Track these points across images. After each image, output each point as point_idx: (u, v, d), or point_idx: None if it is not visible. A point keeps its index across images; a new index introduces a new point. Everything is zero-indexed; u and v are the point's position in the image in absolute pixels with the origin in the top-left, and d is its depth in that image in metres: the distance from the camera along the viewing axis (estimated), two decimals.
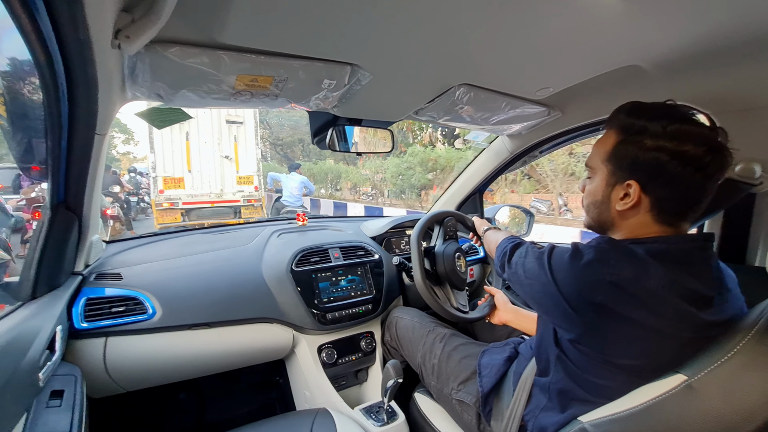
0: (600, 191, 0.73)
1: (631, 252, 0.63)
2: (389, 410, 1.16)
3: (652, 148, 0.64)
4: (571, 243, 0.72)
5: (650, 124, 0.65)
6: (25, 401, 0.73)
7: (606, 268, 0.62)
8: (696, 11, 0.66)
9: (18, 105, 0.71)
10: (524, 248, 0.84)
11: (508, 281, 0.87)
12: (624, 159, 0.68)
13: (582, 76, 0.99)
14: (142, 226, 8.49)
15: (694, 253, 0.66)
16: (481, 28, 0.72)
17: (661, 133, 0.64)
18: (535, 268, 0.74)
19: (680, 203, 0.66)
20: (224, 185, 7.13)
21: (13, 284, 0.91)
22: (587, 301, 0.63)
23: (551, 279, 0.68)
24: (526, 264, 0.78)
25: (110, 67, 0.65)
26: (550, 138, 1.43)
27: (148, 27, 0.57)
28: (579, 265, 0.65)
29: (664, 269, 0.61)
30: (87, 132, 0.76)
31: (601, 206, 0.73)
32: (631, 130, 0.68)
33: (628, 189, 0.68)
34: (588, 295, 0.63)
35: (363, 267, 1.43)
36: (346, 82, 0.90)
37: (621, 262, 0.62)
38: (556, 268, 0.69)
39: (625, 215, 0.70)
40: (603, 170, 0.72)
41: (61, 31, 0.50)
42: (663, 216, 0.67)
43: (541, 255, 0.74)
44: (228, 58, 0.74)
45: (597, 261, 0.64)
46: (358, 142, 1.36)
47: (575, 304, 0.65)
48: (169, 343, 1.11)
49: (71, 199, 0.89)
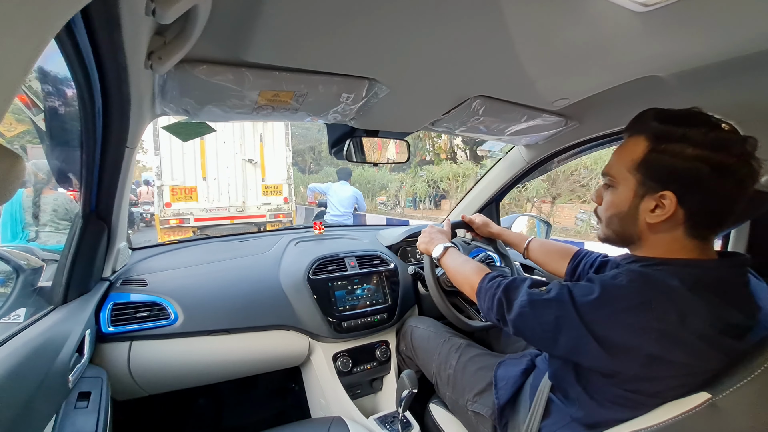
0: (626, 203, 0.68)
1: (669, 288, 0.59)
2: (404, 420, 1.16)
3: (692, 157, 0.59)
4: (590, 278, 0.67)
5: (689, 131, 0.61)
6: (56, 402, 0.77)
7: (650, 314, 0.57)
8: (718, 20, 0.65)
9: (57, 121, 0.75)
10: (522, 293, 0.72)
11: (513, 333, 0.75)
12: (658, 169, 0.63)
13: (600, 86, 0.98)
14: (143, 237, 7.17)
15: (732, 280, 0.63)
16: (498, 40, 0.73)
17: (702, 141, 0.59)
18: (556, 321, 0.65)
19: (714, 216, 0.62)
20: (247, 196, 5.79)
21: (47, 289, 0.96)
22: (635, 353, 0.58)
23: (586, 332, 0.61)
24: (542, 317, 0.67)
25: (143, 86, 0.69)
26: (566, 148, 1.42)
27: (178, 48, 0.60)
28: (617, 310, 0.60)
29: (705, 305, 0.57)
30: (119, 146, 0.81)
31: (627, 219, 0.68)
32: (666, 137, 0.63)
33: (661, 201, 0.63)
34: (636, 345, 0.58)
35: (378, 276, 1.43)
36: (364, 95, 0.92)
37: (663, 303, 0.58)
38: (590, 318, 0.61)
39: (656, 229, 0.65)
40: (630, 180, 0.67)
41: (101, 55, 0.54)
42: (695, 230, 0.63)
43: (560, 303, 0.65)
44: (251, 75, 0.77)
45: (639, 306, 0.58)
46: (375, 153, 1.38)
47: (622, 356, 0.60)
48: (190, 349, 1.14)
49: (102, 209, 0.94)
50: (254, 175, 5.84)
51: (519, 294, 0.73)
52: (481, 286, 0.84)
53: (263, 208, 5.86)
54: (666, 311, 0.57)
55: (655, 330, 0.57)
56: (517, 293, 0.74)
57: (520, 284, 0.75)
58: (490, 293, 0.79)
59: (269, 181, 5.91)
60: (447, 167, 10.24)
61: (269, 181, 5.91)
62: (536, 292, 0.70)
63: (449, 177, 9.91)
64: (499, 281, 0.80)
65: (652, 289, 0.59)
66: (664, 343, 0.57)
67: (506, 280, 0.79)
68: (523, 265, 1.65)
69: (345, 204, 4.59)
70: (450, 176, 9.89)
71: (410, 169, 11.84)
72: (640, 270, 0.63)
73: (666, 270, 0.63)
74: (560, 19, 0.66)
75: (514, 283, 0.76)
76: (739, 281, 0.63)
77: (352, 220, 4.78)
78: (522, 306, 0.71)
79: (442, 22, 0.66)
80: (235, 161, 5.72)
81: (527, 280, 0.76)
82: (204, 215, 5.56)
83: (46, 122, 0.74)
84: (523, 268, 1.65)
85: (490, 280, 0.83)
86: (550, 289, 0.70)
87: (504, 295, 0.75)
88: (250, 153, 5.78)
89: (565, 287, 0.67)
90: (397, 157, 1.42)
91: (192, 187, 5.51)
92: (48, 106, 0.72)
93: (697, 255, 0.64)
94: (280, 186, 5.96)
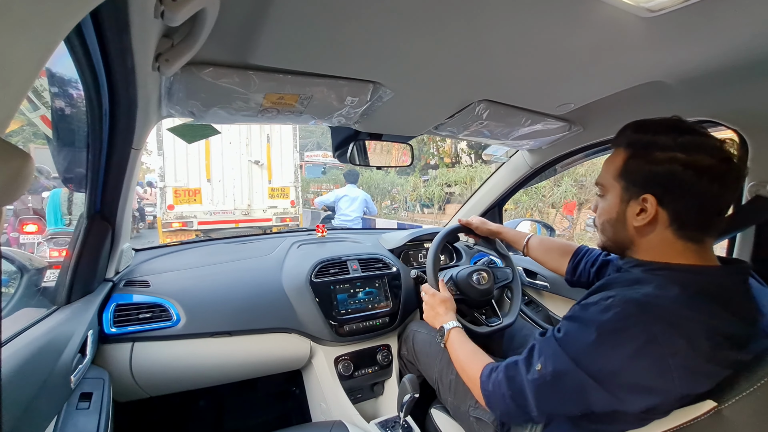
0: (614, 209, 0.70)
1: (668, 312, 0.57)
2: (405, 425, 1.15)
3: (664, 160, 0.63)
4: (577, 317, 0.65)
5: (659, 138, 0.64)
6: (58, 403, 0.77)
7: (661, 350, 0.56)
8: (724, 26, 0.65)
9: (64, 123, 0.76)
10: (518, 377, 0.69)
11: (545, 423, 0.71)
12: (637, 173, 0.66)
13: (604, 91, 0.98)
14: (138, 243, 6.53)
15: (734, 288, 0.63)
16: (502, 45, 0.73)
17: (672, 145, 0.63)
18: (577, 395, 0.62)
19: (699, 215, 0.63)
20: (253, 199, 5.60)
21: (51, 289, 0.96)
22: (665, 394, 0.57)
23: (609, 395, 0.59)
24: (561, 399, 0.65)
25: (149, 88, 0.70)
26: (570, 153, 1.41)
27: (185, 51, 0.61)
28: (626, 356, 0.57)
29: (706, 320, 0.57)
30: (124, 147, 0.81)
31: (617, 224, 0.71)
32: (639, 144, 0.67)
33: (644, 204, 0.65)
34: (663, 388, 0.57)
35: (381, 280, 1.43)
36: (368, 99, 0.93)
37: (668, 333, 0.56)
38: (603, 376, 0.59)
39: (643, 231, 0.67)
40: (615, 187, 0.70)
41: (109, 57, 0.54)
42: (684, 231, 0.64)
43: (566, 375, 0.62)
44: (257, 77, 0.77)
45: (646, 344, 0.56)
46: (379, 156, 1.38)
47: (653, 396, 0.58)
48: (192, 350, 1.14)
49: (106, 210, 0.94)
50: (260, 177, 5.65)
51: (512, 382, 0.70)
52: (485, 389, 0.77)
53: (269, 211, 5.68)
54: (673, 341, 0.56)
55: (673, 368, 0.55)
56: (513, 382, 0.70)
57: (516, 371, 0.71)
58: (497, 395, 0.74)
59: (276, 183, 5.72)
60: (463, 171, 10.07)
61: (276, 183, 5.72)
62: (536, 376, 0.66)
63: (465, 180, 9.81)
64: (498, 380, 0.74)
65: (653, 321, 0.57)
66: (687, 380, 0.56)
67: (505, 378, 0.72)
68: (526, 270, 1.64)
69: (354, 208, 4.49)
70: (467, 179, 9.76)
71: (414, 173, 11.83)
72: (635, 298, 0.60)
73: (666, 276, 0.63)
74: (565, 24, 0.66)
75: (512, 374, 0.71)
76: (741, 289, 0.63)
77: (362, 224, 4.64)
78: (517, 388, 0.69)
79: (447, 26, 0.66)
80: (240, 162, 5.55)
81: (520, 362, 0.71)
82: (208, 218, 5.38)
83: (53, 123, 0.74)
84: (526, 273, 1.64)
85: (490, 376, 0.76)
86: (535, 350, 0.69)
87: (507, 384, 0.71)
88: (256, 154, 5.61)
89: (556, 349, 0.65)
90: (400, 160, 1.43)
91: (196, 188, 5.33)
92: (55, 106, 0.72)
93: (697, 260, 0.64)
94: (287, 188, 5.78)
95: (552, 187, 7.96)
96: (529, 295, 1.66)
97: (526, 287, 1.65)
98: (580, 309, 0.66)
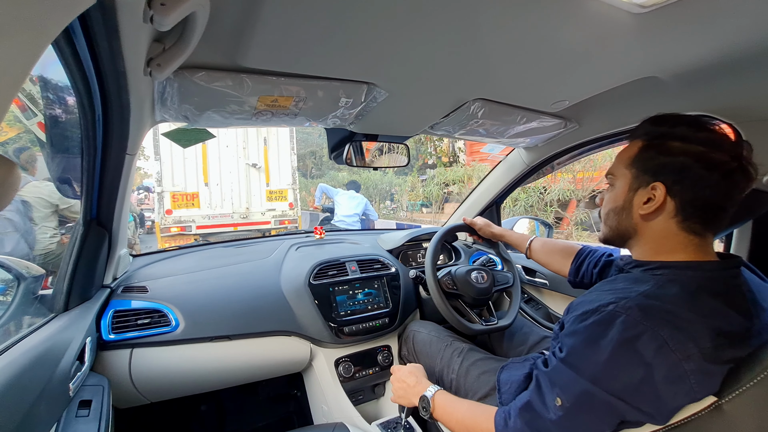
0: (621, 196, 0.71)
1: (670, 313, 0.57)
2: (407, 426, 1.15)
3: (679, 152, 0.64)
4: (577, 331, 0.63)
5: (676, 129, 0.66)
6: (57, 411, 0.76)
7: (674, 355, 0.55)
8: (716, 21, 0.65)
9: (58, 129, 0.76)
10: (539, 420, 0.65)
11: None
12: (649, 162, 0.67)
13: (599, 88, 0.98)
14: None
15: (731, 282, 0.63)
16: (496, 43, 0.73)
17: (689, 137, 0.64)
18: (594, 416, 0.61)
19: (705, 209, 0.64)
20: (251, 202, 5.61)
21: (48, 296, 0.96)
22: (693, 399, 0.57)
23: (639, 412, 0.58)
24: (579, 423, 0.62)
25: (142, 92, 0.69)
26: (566, 150, 1.42)
27: (177, 55, 0.61)
28: (642, 367, 0.56)
29: (706, 318, 0.57)
30: (119, 153, 0.81)
31: (622, 212, 0.71)
32: (655, 134, 0.68)
33: (652, 192, 0.66)
34: (679, 393, 0.56)
35: (380, 280, 1.43)
36: (363, 99, 0.93)
37: (676, 336, 0.56)
38: (628, 393, 0.57)
39: (648, 219, 0.68)
40: (626, 175, 0.71)
41: (100, 62, 0.54)
42: (687, 223, 0.65)
43: (588, 402, 0.60)
44: (250, 80, 0.77)
45: (659, 350, 0.55)
46: (375, 157, 1.38)
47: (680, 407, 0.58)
48: (191, 355, 1.14)
49: (102, 215, 0.94)
50: (258, 180, 5.65)
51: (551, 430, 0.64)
52: None
53: (268, 214, 5.68)
54: (683, 345, 0.55)
55: (689, 372, 0.55)
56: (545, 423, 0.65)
57: (538, 415, 0.66)
58: None
59: (274, 186, 5.72)
60: (460, 170, 9.94)
61: (274, 186, 5.72)
62: (560, 413, 0.62)
63: (462, 179, 9.72)
64: (518, 428, 0.68)
65: (660, 325, 0.56)
66: (703, 383, 0.55)
67: (525, 426, 0.67)
68: (525, 268, 1.64)
69: (354, 205, 4.60)
70: (465, 178, 9.62)
71: (412, 173, 11.81)
72: (637, 303, 0.59)
73: (666, 275, 0.63)
74: (557, 21, 0.66)
75: (534, 425, 0.66)
76: (737, 282, 0.64)
77: (361, 225, 4.70)
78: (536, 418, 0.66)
79: (440, 25, 0.66)
80: (238, 166, 5.55)
81: (533, 402, 0.68)
82: (206, 222, 5.37)
83: (46, 129, 0.74)
84: (525, 272, 1.64)
85: (507, 425, 0.70)
86: (543, 383, 0.66)
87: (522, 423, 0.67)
88: (253, 157, 5.60)
89: (570, 375, 0.62)
90: (397, 160, 1.43)
91: (194, 193, 5.33)
92: (48, 113, 0.72)
93: (696, 254, 0.65)
94: (285, 191, 5.78)
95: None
96: (528, 292, 1.66)
97: (525, 285, 1.65)
98: (578, 321, 0.64)
